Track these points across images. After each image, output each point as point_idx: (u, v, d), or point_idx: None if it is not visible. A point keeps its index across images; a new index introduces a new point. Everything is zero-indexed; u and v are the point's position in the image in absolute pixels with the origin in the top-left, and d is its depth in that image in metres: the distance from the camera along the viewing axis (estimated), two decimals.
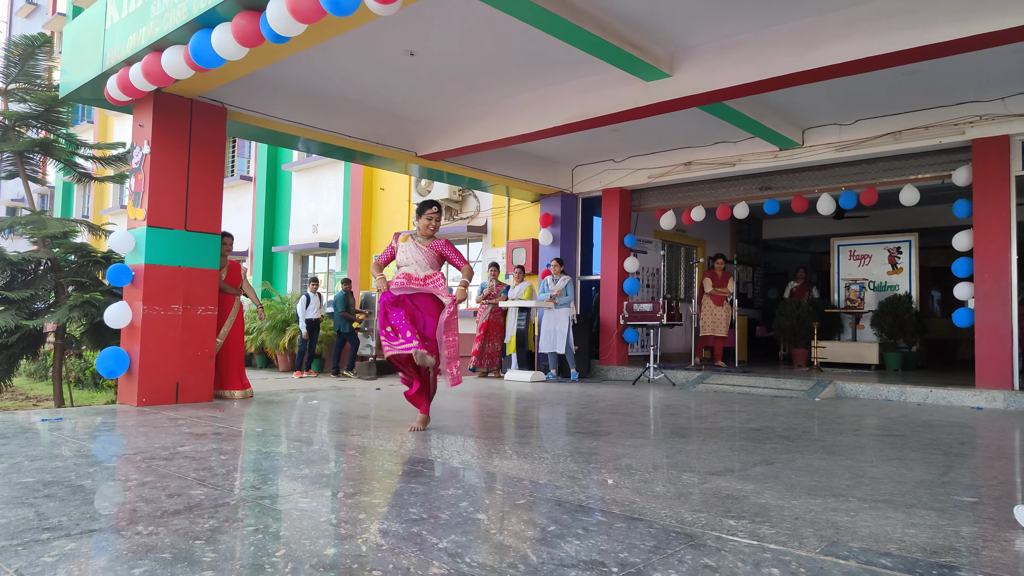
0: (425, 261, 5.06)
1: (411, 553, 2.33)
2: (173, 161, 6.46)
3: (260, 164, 15.88)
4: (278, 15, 4.50)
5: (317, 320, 12.17)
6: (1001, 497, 3.31)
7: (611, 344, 10.50)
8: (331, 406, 6.52)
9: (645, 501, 3.07)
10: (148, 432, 4.74)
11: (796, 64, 5.82)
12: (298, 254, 15.54)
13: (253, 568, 2.17)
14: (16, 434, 4.62)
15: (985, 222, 7.48)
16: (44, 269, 7.81)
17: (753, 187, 9.63)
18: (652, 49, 6.24)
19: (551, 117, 7.48)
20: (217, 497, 3.03)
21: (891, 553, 2.42)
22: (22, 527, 2.55)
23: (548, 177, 10.71)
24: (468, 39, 6.26)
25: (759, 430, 5.33)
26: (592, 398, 7.51)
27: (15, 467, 3.57)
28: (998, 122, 7.40)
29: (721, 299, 10.74)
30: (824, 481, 3.55)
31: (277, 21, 4.55)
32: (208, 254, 6.62)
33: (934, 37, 5.19)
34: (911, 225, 11.57)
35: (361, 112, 8.15)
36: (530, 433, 5.23)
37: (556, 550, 2.38)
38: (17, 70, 7.96)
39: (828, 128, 8.46)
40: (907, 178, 8.35)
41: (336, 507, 2.94)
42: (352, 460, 4.02)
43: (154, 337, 6.22)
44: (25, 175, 8.06)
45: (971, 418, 6.24)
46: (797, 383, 8.22)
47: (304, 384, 10.13)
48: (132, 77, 5.83)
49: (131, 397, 6.19)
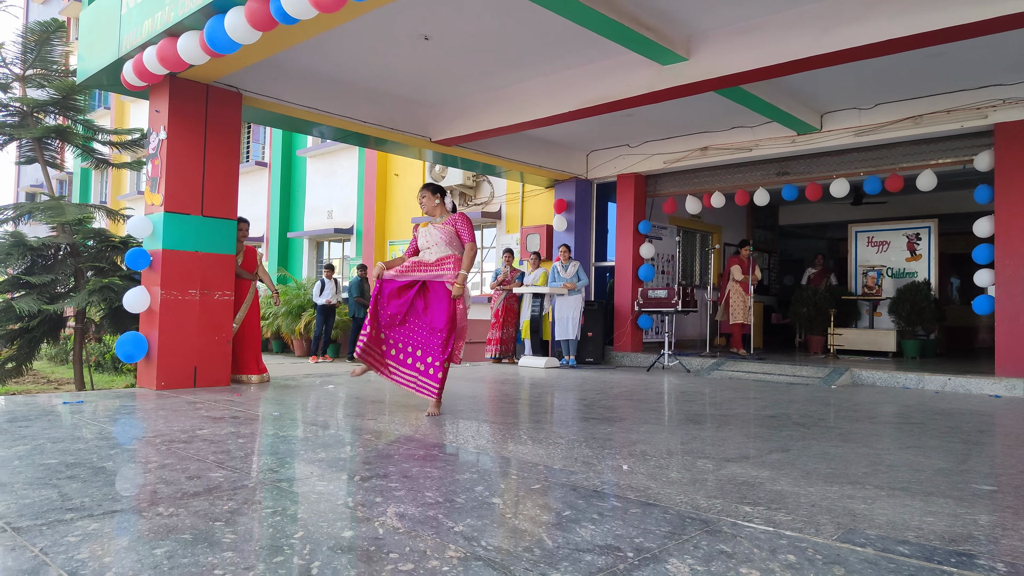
0: (441, 239, 5.00)
1: (427, 536, 2.34)
2: (189, 147, 6.49)
3: (275, 150, 15.93)
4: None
5: (332, 306, 12.24)
6: (1021, 486, 3.28)
7: (625, 330, 10.47)
8: (347, 391, 6.56)
9: (660, 487, 3.07)
10: (167, 415, 4.80)
11: (814, 47, 5.73)
12: (313, 240, 15.60)
13: (272, 549, 2.20)
14: (38, 416, 4.69)
15: (1007, 208, 7.36)
16: (64, 254, 7.89)
17: (770, 172, 9.53)
18: (668, 32, 6.17)
19: (566, 102, 7.43)
20: (236, 480, 3.06)
21: (908, 541, 2.40)
22: (46, 507, 2.59)
23: (562, 163, 10.66)
24: (483, 23, 6.22)
25: (775, 417, 5.31)
26: (606, 384, 7.51)
27: (38, 449, 3.63)
28: (1021, 106, 7.26)
29: (747, 286, 10.53)
30: (840, 468, 3.53)
31: (290, 3, 4.54)
32: (224, 239, 6.66)
33: (957, 19, 5.07)
34: (931, 211, 11.42)
35: (375, 97, 8.14)
36: (544, 419, 5.24)
37: (571, 535, 2.39)
38: (34, 56, 8.02)
39: (847, 112, 8.34)
40: (928, 163, 8.22)
41: (352, 490, 2.97)
42: (368, 444, 4.05)
43: (172, 321, 6.29)
44: (43, 161, 8.13)
45: (990, 406, 6.18)
46: (813, 370, 8.17)
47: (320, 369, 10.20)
48: (147, 62, 5.85)
49: (150, 381, 6.26)
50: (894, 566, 2.15)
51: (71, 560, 2.08)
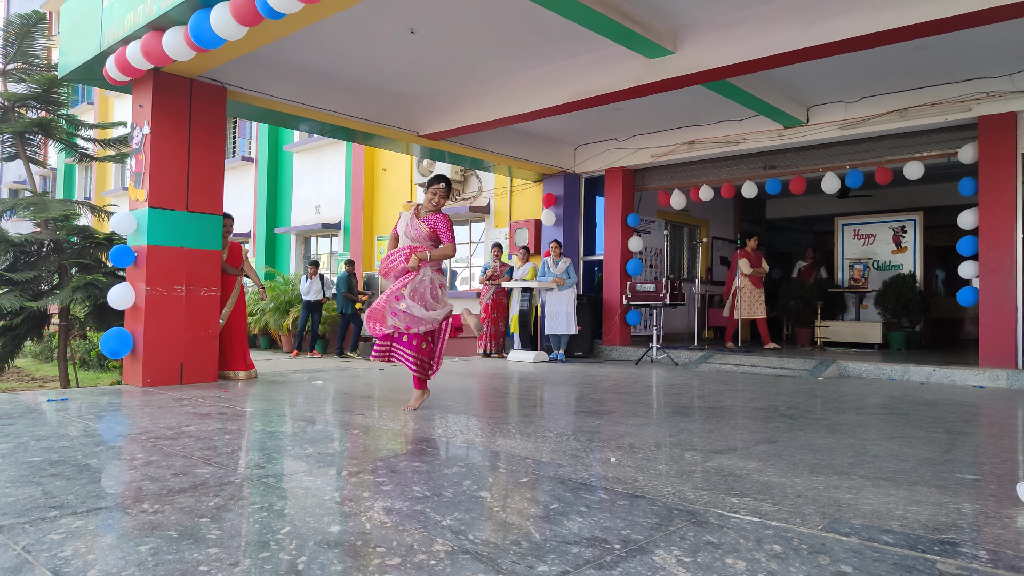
0: (416, 234, 4.82)
1: (415, 530, 2.34)
2: (173, 142, 6.43)
3: (261, 145, 15.81)
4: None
5: (317, 302, 12.25)
6: (1003, 475, 3.32)
7: (614, 324, 10.50)
8: (335, 386, 6.54)
9: (648, 479, 3.09)
10: (153, 412, 4.77)
11: (801, 40, 5.75)
12: (300, 235, 15.52)
13: (258, 545, 2.19)
14: (22, 414, 4.65)
15: (991, 200, 7.43)
16: (47, 251, 7.81)
17: (757, 166, 9.57)
18: (654, 25, 6.16)
19: (553, 95, 7.42)
20: (222, 476, 3.04)
21: (893, 530, 2.42)
22: (29, 505, 2.57)
23: (550, 157, 10.65)
24: (469, 16, 6.19)
25: (762, 409, 5.34)
26: (595, 378, 7.53)
27: (21, 447, 3.59)
28: (1005, 99, 7.32)
29: (759, 279, 10.33)
30: (827, 459, 3.56)
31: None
32: (210, 235, 6.61)
33: (940, 12, 5.11)
34: (916, 204, 11.51)
35: (362, 91, 8.09)
36: (533, 412, 5.25)
37: (559, 527, 2.39)
38: (15, 50, 7.91)
39: (833, 106, 8.38)
40: (913, 156, 8.27)
41: (340, 485, 2.96)
42: (356, 439, 4.04)
43: (158, 318, 6.24)
44: (26, 156, 8.04)
45: (974, 397, 6.25)
46: (800, 362, 8.22)
47: (308, 364, 10.17)
48: (131, 57, 5.78)
49: (136, 378, 6.21)
50: (878, 555, 2.17)
51: (54, 558, 2.06)
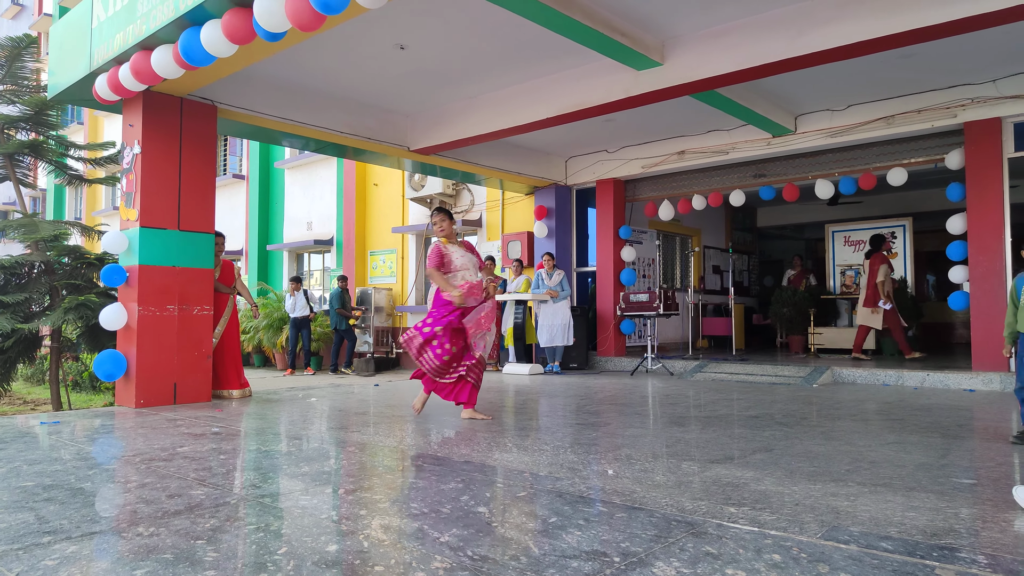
0: (472, 264, 5.29)
1: (413, 548, 2.32)
2: (164, 160, 6.42)
3: (252, 162, 15.81)
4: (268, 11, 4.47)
5: (304, 318, 12.23)
6: (1000, 479, 3.33)
7: (608, 335, 10.50)
8: (330, 403, 6.51)
9: (645, 490, 3.08)
10: (147, 433, 4.73)
11: (788, 50, 5.80)
12: (293, 252, 15.49)
13: (255, 566, 2.17)
14: (15, 438, 4.60)
15: (978, 205, 7.49)
16: (38, 272, 7.76)
17: (747, 175, 9.63)
18: (642, 38, 6.22)
19: (543, 108, 7.46)
20: (217, 497, 3.02)
21: (891, 536, 2.42)
22: (22, 531, 2.54)
23: (542, 169, 10.69)
24: (458, 31, 6.23)
25: (758, 417, 5.35)
26: (591, 389, 7.52)
27: (14, 471, 3.56)
28: (990, 104, 7.40)
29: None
30: (823, 466, 3.56)
31: (267, 19, 4.51)
32: (202, 253, 6.59)
33: (925, 20, 5.18)
34: (905, 210, 11.59)
35: (352, 107, 8.12)
36: (530, 425, 5.23)
37: (558, 541, 2.38)
38: (4, 72, 7.90)
39: (820, 114, 8.46)
40: (900, 163, 8.36)
41: (337, 504, 2.94)
42: (352, 456, 4.02)
43: (150, 338, 6.20)
44: (16, 178, 8.00)
45: (968, 400, 6.27)
46: (795, 370, 8.24)
47: (302, 382, 10.12)
48: (122, 77, 5.78)
49: (129, 399, 6.17)
50: (877, 562, 2.17)
51: None
